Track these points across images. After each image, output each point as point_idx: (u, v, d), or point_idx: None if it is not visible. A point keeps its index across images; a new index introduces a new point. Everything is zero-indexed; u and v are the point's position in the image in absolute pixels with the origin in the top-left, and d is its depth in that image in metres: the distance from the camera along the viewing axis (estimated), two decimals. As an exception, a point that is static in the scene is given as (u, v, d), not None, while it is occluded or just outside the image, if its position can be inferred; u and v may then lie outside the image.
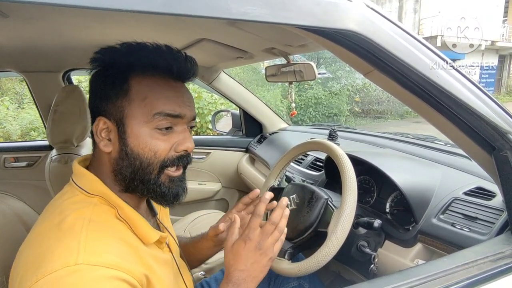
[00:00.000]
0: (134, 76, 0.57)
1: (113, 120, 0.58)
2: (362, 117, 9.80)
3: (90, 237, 0.50)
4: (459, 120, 0.62)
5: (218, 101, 5.66)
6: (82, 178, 0.59)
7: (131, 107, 0.56)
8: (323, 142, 0.97)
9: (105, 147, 0.58)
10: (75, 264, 0.46)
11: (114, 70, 0.58)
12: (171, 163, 0.59)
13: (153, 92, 0.57)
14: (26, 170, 1.75)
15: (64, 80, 1.66)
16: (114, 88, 0.57)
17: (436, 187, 0.94)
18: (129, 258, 0.52)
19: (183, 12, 0.36)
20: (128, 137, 0.57)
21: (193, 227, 1.49)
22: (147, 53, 0.58)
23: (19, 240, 0.81)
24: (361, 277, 1.05)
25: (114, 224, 0.56)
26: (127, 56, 0.58)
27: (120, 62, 0.58)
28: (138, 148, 0.57)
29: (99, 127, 0.58)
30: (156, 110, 0.56)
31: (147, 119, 0.56)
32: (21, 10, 0.74)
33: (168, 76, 0.59)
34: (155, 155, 0.57)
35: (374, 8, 0.51)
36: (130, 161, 0.57)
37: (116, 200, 0.58)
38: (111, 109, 0.58)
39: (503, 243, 0.68)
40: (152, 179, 0.58)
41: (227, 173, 2.05)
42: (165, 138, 0.58)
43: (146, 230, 0.59)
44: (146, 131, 0.56)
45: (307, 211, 0.90)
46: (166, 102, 0.57)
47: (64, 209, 0.55)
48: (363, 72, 0.61)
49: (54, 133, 1.28)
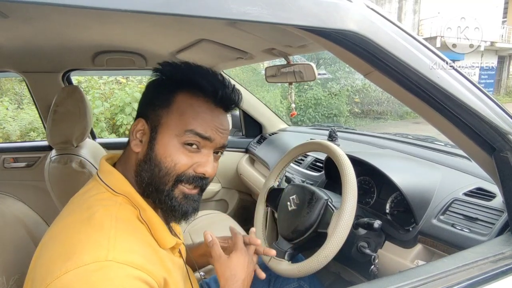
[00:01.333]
0: (181, 92, 0.61)
1: (149, 125, 0.61)
2: (362, 117, 9.80)
3: (118, 235, 0.51)
4: (459, 120, 0.62)
5: (217, 102, 5.64)
6: (110, 176, 0.61)
7: (168, 118, 0.60)
8: (323, 142, 0.97)
9: (135, 146, 0.62)
10: (105, 260, 0.47)
11: (166, 82, 0.63)
12: (186, 179, 0.60)
13: (192, 111, 0.60)
14: (26, 170, 1.75)
15: (64, 81, 1.66)
16: (160, 98, 0.62)
17: (436, 188, 0.94)
18: (152, 260, 0.54)
19: (183, 12, 0.36)
20: (157, 144, 0.60)
21: (192, 228, 1.49)
22: (201, 74, 0.62)
23: (18, 240, 0.81)
24: (361, 278, 1.05)
25: (137, 225, 0.57)
26: (182, 73, 0.62)
27: (174, 77, 0.63)
28: (161, 156, 0.59)
29: (137, 127, 0.62)
30: (188, 127, 0.59)
31: (178, 133, 0.59)
32: (21, 11, 0.74)
33: (211, 100, 0.62)
34: (174, 166, 0.59)
35: (374, 8, 0.51)
36: (151, 166, 0.60)
37: (139, 201, 0.60)
38: (151, 115, 0.61)
39: (503, 244, 0.68)
40: (166, 190, 0.60)
41: (226, 174, 2.05)
42: (189, 155, 0.60)
43: (164, 235, 0.61)
44: (174, 143, 0.59)
45: (307, 211, 0.90)
46: (200, 123, 0.60)
47: (91, 205, 0.56)
48: (363, 73, 0.61)
49: (53, 134, 1.28)
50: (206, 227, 1.48)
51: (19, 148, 1.85)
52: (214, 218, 1.58)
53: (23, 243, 0.79)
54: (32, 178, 1.72)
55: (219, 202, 2.10)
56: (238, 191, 2.10)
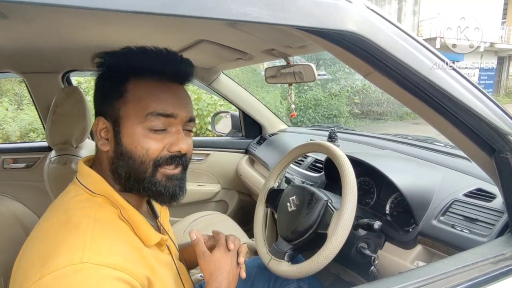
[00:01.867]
0: (131, 79, 0.59)
1: (110, 120, 0.60)
2: (362, 118, 9.81)
3: (95, 236, 0.50)
4: (459, 121, 0.62)
5: (217, 103, 5.66)
6: (87, 177, 0.60)
7: (126, 108, 0.59)
8: (323, 143, 0.97)
9: (102, 145, 0.61)
10: (80, 263, 0.46)
11: (113, 73, 0.61)
12: (164, 161, 0.59)
13: (148, 94, 0.59)
14: (25, 171, 1.74)
15: (64, 81, 1.65)
16: (112, 90, 0.60)
17: (436, 189, 0.94)
18: (133, 260, 0.53)
19: (183, 13, 0.36)
20: (122, 137, 0.58)
21: (192, 228, 1.48)
22: (145, 56, 0.60)
23: (17, 241, 0.81)
24: (361, 279, 1.04)
25: (117, 224, 0.57)
26: (126, 60, 0.60)
27: (119, 66, 0.61)
28: (131, 146, 0.58)
29: (99, 126, 0.61)
30: (148, 110, 0.57)
31: (140, 120, 0.58)
32: (20, 11, 0.74)
33: (163, 78, 0.60)
34: (147, 153, 0.58)
35: (374, 9, 0.51)
36: (124, 160, 0.59)
37: (119, 200, 0.59)
38: (109, 110, 0.60)
39: (503, 245, 0.68)
40: (147, 177, 0.59)
41: (226, 175, 2.05)
42: (158, 137, 0.59)
43: (147, 232, 0.60)
44: (139, 131, 0.58)
45: (306, 212, 0.89)
46: (158, 103, 0.58)
47: (69, 208, 0.55)
48: (363, 74, 0.61)
49: (53, 134, 1.28)
50: (205, 228, 1.47)
51: (18, 148, 1.84)
52: (214, 219, 1.58)
53: (21, 244, 0.78)
54: (32, 179, 1.72)
55: (219, 203, 2.10)
56: (238, 192, 2.10)
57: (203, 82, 1.76)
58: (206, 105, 5.61)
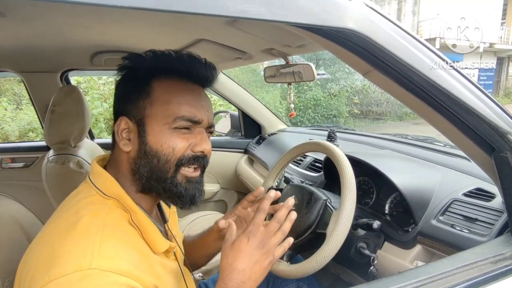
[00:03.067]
0: (156, 79, 0.60)
1: (134, 120, 0.60)
2: (361, 118, 9.81)
3: (104, 241, 0.50)
4: (459, 120, 0.61)
5: (217, 102, 5.66)
6: (100, 178, 0.60)
7: (152, 108, 0.59)
8: (322, 143, 0.97)
9: (124, 146, 0.60)
10: (88, 269, 0.46)
11: (138, 73, 0.61)
12: (187, 161, 0.60)
13: (175, 96, 0.59)
14: (23, 171, 1.74)
15: (62, 81, 1.65)
16: (137, 90, 0.60)
17: (435, 188, 0.94)
18: (141, 266, 0.52)
19: (180, 9, 0.35)
20: (148, 136, 0.59)
21: (191, 229, 1.48)
22: (169, 58, 0.61)
23: (15, 242, 0.80)
24: (360, 279, 1.04)
25: (127, 229, 0.56)
26: (151, 62, 0.61)
27: (144, 67, 0.61)
28: (157, 145, 0.58)
29: (121, 126, 0.61)
30: (178, 114, 0.58)
31: (168, 121, 0.58)
32: (18, 10, 0.73)
33: (188, 80, 0.62)
34: (173, 151, 0.58)
35: (373, 7, 0.51)
36: (148, 159, 0.59)
37: (130, 204, 0.58)
38: (133, 109, 0.60)
39: (503, 245, 0.67)
40: (169, 178, 0.59)
41: (225, 174, 2.04)
42: (184, 137, 0.60)
43: (156, 239, 0.60)
44: (166, 131, 0.59)
45: (305, 212, 0.89)
46: (187, 107, 0.59)
47: (79, 209, 0.55)
48: (362, 72, 0.60)
49: (51, 134, 1.27)
50: (205, 228, 1.47)
51: (17, 148, 1.84)
52: (213, 219, 1.57)
53: (19, 244, 0.78)
54: (30, 179, 1.71)
55: (218, 203, 2.09)
56: (237, 191, 2.09)
57: (202, 81, 1.75)
58: (206, 105, 5.60)
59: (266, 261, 0.60)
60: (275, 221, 0.63)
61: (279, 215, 0.64)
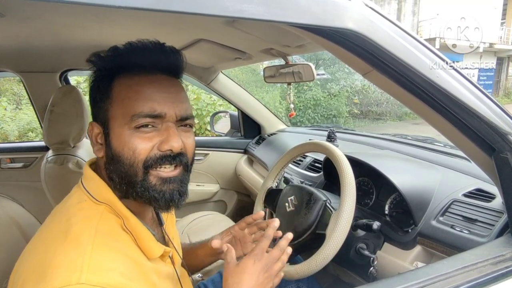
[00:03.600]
0: (117, 78, 0.57)
1: (100, 124, 0.58)
2: (361, 118, 9.81)
3: (95, 251, 0.48)
4: (459, 121, 0.61)
5: (216, 103, 5.66)
6: (91, 182, 0.58)
7: (112, 109, 0.56)
8: (322, 143, 0.97)
9: (97, 151, 0.58)
10: (77, 283, 0.44)
11: (100, 74, 0.59)
12: (154, 162, 0.55)
13: (132, 92, 0.55)
14: (22, 171, 1.73)
15: (61, 81, 1.65)
16: (99, 92, 0.58)
17: (435, 189, 0.93)
18: (133, 277, 0.50)
19: (179, 9, 0.35)
20: (112, 139, 0.56)
21: (190, 229, 1.48)
22: (128, 52, 0.57)
23: (13, 242, 0.80)
24: (360, 280, 1.04)
25: (119, 236, 0.54)
26: (112, 59, 0.58)
27: (106, 66, 0.58)
28: (119, 148, 0.55)
29: (93, 132, 0.59)
30: (134, 112, 0.54)
31: (126, 121, 0.54)
32: (17, 10, 0.73)
33: (147, 72, 0.56)
34: (133, 154, 0.54)
35: (373, 7, 0.50)
36: (115, 164, 0.56)
37: (122, 209, 0.56)
38: (99, 113, 0.58)
39: (503, 246, 0.67)
40: (139, 181, 0.55)
41: (225, 175, 2.04)
42: (146, 136, 0.55)
43: (150, 245, 0.58)
44: (126, 132, 0.55)
45: (305, 213, 0.89)
46: (144, 102, 0.54)
47: (71, 216, 0.53)
48: (362, 72, 0.60)
49: (50, 134, 1.27)
50: (204, 229, 1.47)
51: (16, 148, 1.83)
52: (212, 219, 1.58)
53: (17, 245, 0.78)
54: (29, 179, 1.71)
55: (218, 203, 2.09)
56: (237, 192, 2.09)
57: (202, 81, 1.75)
58: (205, 105, 5.60)
59: (268, 285, 0.63)
60: (278, 249, 0.66)
61: (282, 244, 0.67)
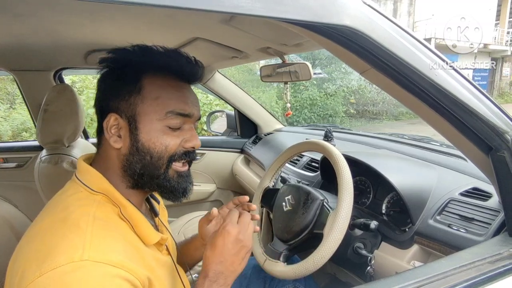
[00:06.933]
0: (146, 76, 0.60)
1: (124, 117, 0.60)
2: (357, 118, 9.85)
3: (95, 234, 0.50)
4: (457, 119, 0.61)
5: (213, 102, 5.65)
6: (87, 175, 0.59)
7: (143, 105, 0.59)
8: (319, 142, 0.96)
9: (115, 143, 0.60)
10: (80, 260, 0.46)
11: (127, 69, 0.60)
12: (178, 157, 0.62)
13: (165, 92, 0.60)
14: (16, 171, 1.71)
15: (55, 79, 1.62)
16: (127, 87, 0.60)
17: (432, 188, 0.93)
18: (133, 259, 0.52)
19: (174, 4, 0.34)
20: (140, 133, 0.59)
21: (187, 229, 1.47)
22: (159, 54, 0.61)
23: (5, 242, 0.79)
24: (358, 279, 1.04)
25: (117, 223, 0.56)
26: (139, 57, 0.60)
27: (133, 62, 0.61)
28: (149, 143, 0.59)
29: (110, 123, 0.60)
30: (168, 109, 0.59)
31: (160, 117, 0.59)
32: (10, 6, 0.72)
33: (177, 77, 0.62)
34: (166, 149, 0.60)
35: (371, 4, 0.50)
36: (140, 156, 0.59)
37: (119, 198, 0.58)
38: (123, 106, 0.59)
39: (500, 244, 0.67)
40: (162, 173, 0.61)
41: (222, 174, 2.03)
42: (175, 134, 0.61)
43: (147, 231, 0.60)
44: (158, 128, 0.59)
45: (302, 212, 0.88)
46: (177, 102, 0.60)
47: (68, 205, 0.54)
48: (359, 71, 0.60)
49: (44, 133, 1.25)
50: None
51: (9, 148, 1.81)
52: (208, 219, 1.56)
53: (10, 245, 0.76)
54: (23, 179, 1.68)
55: (214, 203, 2.08)
56: (233, 191, 2.08)
57: (198, 81, 1.74)
58: (202, 104, 5.59)
59: (244, 250, 0.65)
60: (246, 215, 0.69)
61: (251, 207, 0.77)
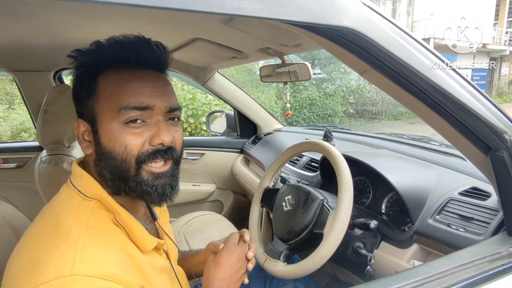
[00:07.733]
0: (101, 73, 0.56)
1: (87, 121, 0.57)
2: (357, 118, 9.86)
3: (87, 244, 0.48)
4: (456, 119, 0.61)
5: (212, 102, 5.64)
6: (80, 179, 0.58)
7: (99, 105, 0.55)
8: (319, 142, 0.97)
9: (85, 149, 0.58)
10: (70, 275, 0.44)
11: (83, 70, 0.58)
12: (146, 157, 0.55)
13: (118, 86, 0.55)
14: (16, 171, 1.71)
15: (55, 80, 1.62)
16: (84, 89, 0.57)
17: (431, 188, 0.94)
18: (127, 268, 0.50)
19: (175, 6, 0.35)
20: (101, 136, 0.55)
21: (187, 229, 1.47)
22: (111, 47, 0.56)
23: (6, 243, 0.79)
24: (357, 279, 1.04)
25: (111, 230, 0.54)
26: (95, 54, 0.57)
27: (89, 62, 0.57)
28: (109, 145, 0.54)
29: (80, 129, 0.58)
30: (121, 105, 0.53)
31: (114, 115, 0.54)
32: (10, 7, 0.72)
33: (133, 67, 0.56)
34: (125, 150, 0.54)
35: (371, 6, 0.50)
36: (106, 160, 0.55)
37: (112, 204, 0.56)
38: (84, 110, 0.57)
39: (499, 243, 0.68)
40: (131, 176, 0.55)
41: (221, 174, 2.03)
42: (137, 131, 0.55)
43: (143, 237, 0.58)
44: (116, 127, 0.54)
45: (302, 212, 0.89)
46: (131, 95, 0.54)
47: (60, 212, 0.53)
48: (359, 71, 0.60)
49: (44, 134, 1.25)
50: (200, 228, 1.46)
51: (9, 148, 1.81)
52: (208, 219, 1.57)
53: (10, 246, 0.76)
54: (22, 180, 1.68)
55: (214, 203, 2.08)
56: (233, 191, 2.08)
57: (197, 81, 1.74)
58: (201, 104, 5.58)
59: (242, 271, 0.72)
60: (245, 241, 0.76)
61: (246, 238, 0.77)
